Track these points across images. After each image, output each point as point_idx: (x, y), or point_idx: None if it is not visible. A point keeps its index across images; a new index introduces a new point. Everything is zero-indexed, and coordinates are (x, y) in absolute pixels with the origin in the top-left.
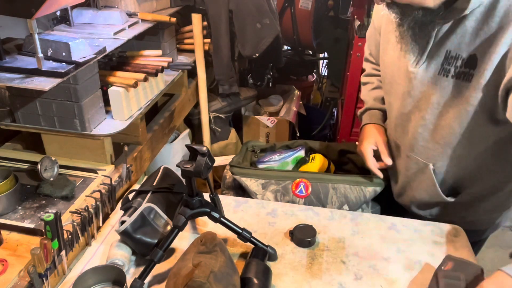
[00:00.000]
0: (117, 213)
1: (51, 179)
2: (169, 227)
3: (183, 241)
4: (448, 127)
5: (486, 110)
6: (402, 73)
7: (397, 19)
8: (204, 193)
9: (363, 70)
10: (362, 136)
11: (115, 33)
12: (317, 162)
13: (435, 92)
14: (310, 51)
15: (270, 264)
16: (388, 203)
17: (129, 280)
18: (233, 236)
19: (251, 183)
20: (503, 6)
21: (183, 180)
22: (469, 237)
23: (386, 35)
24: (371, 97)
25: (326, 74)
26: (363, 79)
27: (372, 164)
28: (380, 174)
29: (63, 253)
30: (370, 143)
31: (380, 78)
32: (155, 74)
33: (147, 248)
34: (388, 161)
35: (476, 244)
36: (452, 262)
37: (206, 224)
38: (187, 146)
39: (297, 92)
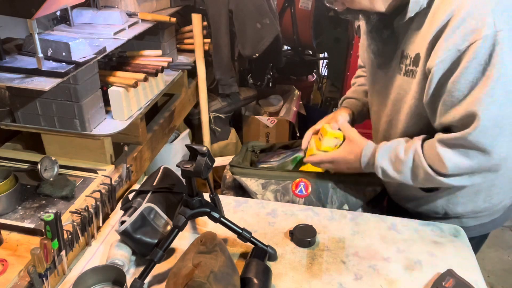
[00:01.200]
0: (117, 213)
1: (51, 179)
2: (169, 227)
3: (183, 241)
4: (405, 122)
5: None
6: (373, 75)
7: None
8: (204, 193)
9: None
10: None
11: (115, 33)
12: None
13: (393, 91)
14: (310, 51)
15: (270, 264)
16: (388, 204)
17: (129, 280)
18: (233, 236)
19: (251, 183)
20: (434, 6)
21: (183, 180)
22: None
23: (364, 41)
24: (351, 91)
25: (326, 74)
26: (352, 80)
27: (304, 143)
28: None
29: (63, 253)
30: (321, 122)
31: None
32: (155, 74)
33: (147, 248)
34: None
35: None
36: (454, 280)
37: (206, 224)
38: (187, 146)
39: (297, 92)
